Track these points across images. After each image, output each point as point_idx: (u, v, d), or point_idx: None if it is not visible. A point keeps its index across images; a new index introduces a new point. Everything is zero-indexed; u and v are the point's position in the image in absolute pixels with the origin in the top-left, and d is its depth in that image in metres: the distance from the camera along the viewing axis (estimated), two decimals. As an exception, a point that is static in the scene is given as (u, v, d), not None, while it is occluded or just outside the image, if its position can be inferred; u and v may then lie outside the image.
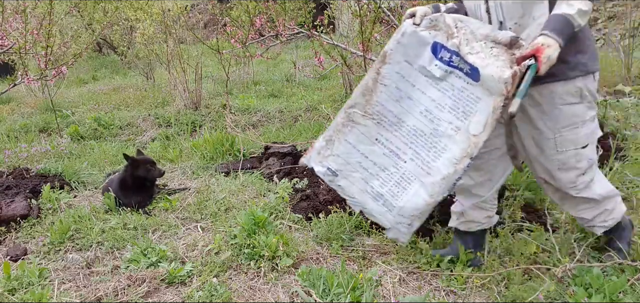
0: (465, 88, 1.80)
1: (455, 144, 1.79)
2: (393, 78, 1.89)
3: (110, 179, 3.23)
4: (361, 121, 1.93)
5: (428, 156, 1.84)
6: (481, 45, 1.76)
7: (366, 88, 1.93)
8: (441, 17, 1.85)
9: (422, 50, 1.86)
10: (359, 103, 1.93)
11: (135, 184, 3.05)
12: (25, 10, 3.73)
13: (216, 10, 5.72)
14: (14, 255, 2.51)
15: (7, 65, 6.72)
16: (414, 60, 1.87)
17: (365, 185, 1.94)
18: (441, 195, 1.81)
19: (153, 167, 3.09)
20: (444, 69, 1.83)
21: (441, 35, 1.84)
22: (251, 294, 2.08)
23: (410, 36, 1.87)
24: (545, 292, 1.85)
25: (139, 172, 3.04)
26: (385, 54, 1.91)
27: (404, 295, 2.00)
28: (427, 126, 1.85)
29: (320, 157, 1.98)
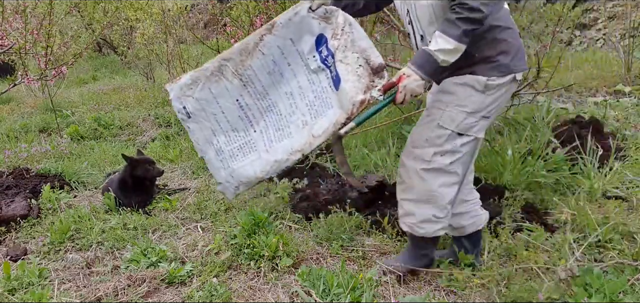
0: (326, 90, 1.88)
1: (299, 136, 1.88)
2: (273, 50, 1.92)
3: (110, 179, 3.23)
4: (229, 77, 1.95)
5: (274, 136, 1.94)
6: (354, 58, 1.80)
7: (245, 49, 1.94)
8: (336, 13, 1.87)
9: (308, 37, 1.90)
10: (234, 60, 1.94)
11: (135, 184, 3.05)
12: (25, 10, 3.74)
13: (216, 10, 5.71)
14: (14, 255, 2.51)
15: (7, 65, 6.72)
16: (297, 42, 1.91)
17: (212, 137, 2.00)
18: (269, 175, 1.93)
19: (152, 166, 3.09)
20: (319, 63, 1.89)
21: (329, 31, 1.87)
22: (251, 294, 2.08)
23: (302, 19, 1.89)
24: (545, 292, 1.84)
25: (138, 172, 3.04)
26: (273, 24, 1.93)
27: (404, 295, 2.00)
28: (286, 108, 1.93)
29: (181, 93, 1.98)
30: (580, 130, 3.50)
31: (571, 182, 2.89)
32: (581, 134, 3.40)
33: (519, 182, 2.87)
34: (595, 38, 7.78)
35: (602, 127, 3.63)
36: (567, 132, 3.47)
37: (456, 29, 1.68)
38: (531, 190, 2.84)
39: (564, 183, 2.89)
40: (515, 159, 2.94)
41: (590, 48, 7.48)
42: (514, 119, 3.93)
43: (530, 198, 2.77)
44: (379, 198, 2.81)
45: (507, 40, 1.82)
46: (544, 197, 2.80)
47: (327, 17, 1.87)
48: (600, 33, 7.80)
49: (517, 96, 3.89)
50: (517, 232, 2.42)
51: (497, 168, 3.02)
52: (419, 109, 3.98)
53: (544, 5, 4.49)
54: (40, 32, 3.93)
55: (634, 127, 3.78)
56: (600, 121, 3.67)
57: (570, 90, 5.25)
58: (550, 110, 4.06)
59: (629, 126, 3.79)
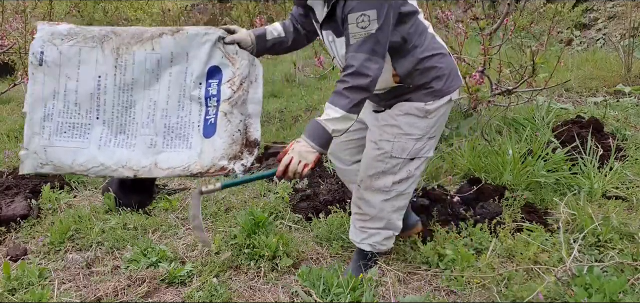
0: (193, 127, 1.75)
1: (140, 154, 1.75)
2: (164, 52, 1.76)
3: (110, 179, 3.23)
4: (107, 51, 1.75)
5: (116, 137, 1.78)
6: (237, 119, 1.71)
7: (140, 35, 1.77)
8: (243, 60, 1.78)
9: (204, 63, 1.77)
10: (123, 38, 1.76)
11: (134, 184, 3.04)
12: (25, 10, 3.74)
13: (216, 10, 5.71)
14: (14, 255, 2.51)
15: (7, 65, 6.72)
16: (192, 60, 1.77)
17: (50, 98, 1.76)
18: (85, 173, 1.76)
19: None
20: (199, 95, 1.77)
21: (227, 72, 1.77)
22: (251, 294, 2.08)
23: (209, 43, 1.78)
24: (545, 292, 1.85)
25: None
26: (179, 30, 1.78)
27: (404, 295, 2.00)
28: (142, 116, 1.76)
29: (49, 38, 1.75)
30: (580, 130, 3.50)
31: (571, 182, 2.89)
32: (581, 133, 3.40)
33: (519, 182, 2.87)
34: (595, 38, 7.78)
35: (602, 127, 3.63)
36: (567, 132, 3.47)
37: (344, 99, 1.66)
38: (531, 190, 2.84)
39: (564, 183, 2.89)
40: (515, 159, 2.94)
41: (591, 48, 7.48)
42: (514, 119, 3.94)
43: (530, 198, 2.77)
44: (379, 198, 2.81)
45: (437, 66, 1.86)
46: (544, 197, 2.80)
47: (233, 58, 1.77)
48: (600, 33, 7.80)
49: (515, 95, 3.89)
50: (517, 232, 2.42)
51: (497, 168, 3.03)
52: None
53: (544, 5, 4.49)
54: (40, 32, 3.93)
55: (634, 127, 3.78)
56: (600, 121, 3.67)
57: (570, 90, 5.26)
58: (550, 110, 4.06)
59: (629, 126, 3.78)
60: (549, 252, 2.19)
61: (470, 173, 3.18)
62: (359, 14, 1.60)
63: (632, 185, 2.88)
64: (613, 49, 6.86)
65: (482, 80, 3.48)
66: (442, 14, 3.98)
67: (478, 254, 2.22)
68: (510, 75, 3.79)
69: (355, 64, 1.64)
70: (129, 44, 1.77)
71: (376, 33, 1.62)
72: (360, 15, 1.60)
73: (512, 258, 2.20)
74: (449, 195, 2.81)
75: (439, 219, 2.52)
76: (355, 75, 1.64)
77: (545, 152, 3.02)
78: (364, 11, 1.60)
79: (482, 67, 3.45)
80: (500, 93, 3.79)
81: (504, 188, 2.83)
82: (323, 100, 5.70)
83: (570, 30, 7.73)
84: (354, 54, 1.65)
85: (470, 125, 3.90)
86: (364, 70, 1.63)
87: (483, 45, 3.35)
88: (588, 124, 3.60)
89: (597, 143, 3.31)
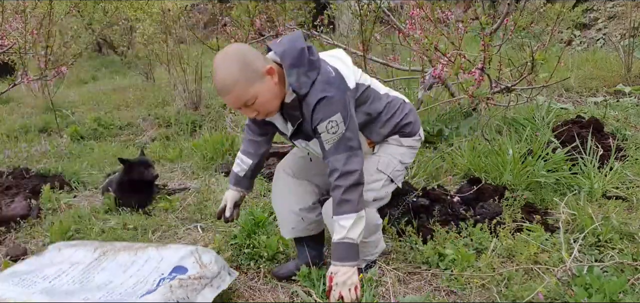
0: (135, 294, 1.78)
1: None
2: (144, 254, 1.92)
3: (110, 179, 3.23)
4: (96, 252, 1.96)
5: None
6: (181, 296, 1.72)
7: (129, 246, 1.97)
8: (216, 268, 1.85)
9: (172, 262, 1.85)
10: (117, 246, 1.97)
11: (132, 185, 3.04)
12: (25, 10, 3.74)
13: (216, 10, 5.71)
14: (14, 255, 2.50)
15: (7, 65, 6.72)
16: (163, 261, 1.86)
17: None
18: None
19: (147, 169, 3.03)
20: (155, 278, 1.83)
21: (193, 271, 1.81)
22: (251, 294, 2.08)
23: (188, 253, 1.89)
24: (545, 291, 1.85)
25: (133, 175, 3.02)
26: (166, 245, 1.98)
27: (404, 295, 2.00)
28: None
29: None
30: (580, 130, 3.50)
31: (571, 182, 2.89)
32: (581, 133, 3.40)
33: (519, 182, 2.87)
34: (595, 38, 7.78)
35: (602, 127, 3.63)
36: (567, 132, 3.47)
37: (347, 204, 1.72)
38: (531, 190, 2.84)
39: (564, 183, 2.89)
40: (516, 159, 2.94)
41: (591, 48, 7.48)
42: (514, 118, 3.94)
43: (530, 198, 2.77)
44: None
45: (402, 116, 2.00)
46: (544, 197, 2.80)
47: (204, 266, 1.83)
48: (600, 33, 7.80)
49: (515, 95, 3.89)
50: (517, 232, 2.42)
51: (497, 168, 3.03)
52: (419, 110, 3.99)
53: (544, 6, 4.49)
54: (40, 32, 3.93)
55: (634, 127, 3.78)
56: (600, 121, 3.67)
57: (570, 90, 5.26)
58: (550, 110, 4.06)
59: (629, 126, 3.78)
60: (549, 252, 2.19)
61: (470, 173, 3.18)
62: (326, 122, 1.67)
63: (632, 185, 2.87)
64: (613, 49, 6.86)
65: (481, 78, 3.48)
66: (442, 14, 3.98)
67: (478, 254, 2.22)
68: (510, 74, 3.79)
69: (339, 166, 1.72)
70: (117, 251, 1.92)
71: (346, 132, 1.71)
72: (328, 122, 1.67)
73: (512, 258, 2.20)
74: (449, 195, 2.81)
75: (439, 219, 2.52)
76: (344, 177, 1.71)
77: (545, 152, 3.02)
78: (330, 118, 1.67)
79: (482, 64, 3.45)
80: (500, 90, 3.79)
81: (504, 188, 2.83)
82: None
83: (570, 30, 7.73)
84: (335, 157, 1.72)
85: (470, 125, 3.90)
86: (349, 168, 1.71)
87: (483, 41, 3.35)
88: (588, 124, 3.60)
89: (597, 143, 3.31)
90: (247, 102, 1.64)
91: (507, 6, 3.74)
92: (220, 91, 1.65)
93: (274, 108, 1.73)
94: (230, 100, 1.65)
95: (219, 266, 1.90)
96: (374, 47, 4.78)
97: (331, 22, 5.42)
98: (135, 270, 1.88)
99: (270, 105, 1.70)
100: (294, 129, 1.81)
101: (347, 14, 7.21)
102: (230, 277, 1.94)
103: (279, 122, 1.88)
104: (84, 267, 1.91)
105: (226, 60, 1.63)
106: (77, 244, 2.01)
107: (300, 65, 1.68)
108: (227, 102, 1.69)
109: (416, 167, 3.33)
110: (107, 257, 1.89)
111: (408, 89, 4.54)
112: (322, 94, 1.67)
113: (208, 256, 1.92)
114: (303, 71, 1.68)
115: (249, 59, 1.63)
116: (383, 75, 4.78)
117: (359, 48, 4.07)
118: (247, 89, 1.61)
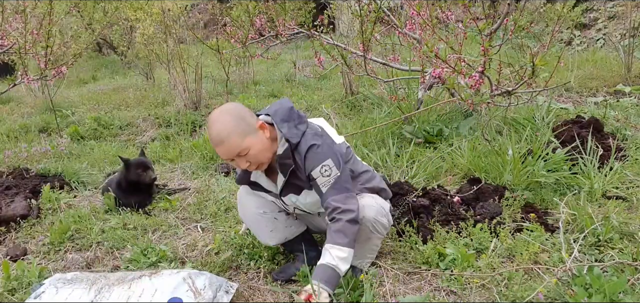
0: None
1: None
2: (138, 288, 1.91)
3: (110, 179, 3.23)
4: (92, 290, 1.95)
5: None
6: None
7: (123, 277, 1.97)
8: (211, 293, 1.86)
9: (166, 293, 1.85)
10: (111, 279, 1.97)
11: (131, 186, 3.04)
12: (25, 10, 3.73)
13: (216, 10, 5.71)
14: (14, 255, 2.51)
15: (7, 65, 6.72)
16: (157, 292, 1.87)
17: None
18: None
19: (144, 172, 3.02)
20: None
21: (188, 300, 1.82)
22: (251, 294, 2.08)
23: (181, 280, 1.90)
24: (545, 291, 1.85)
25: (131, 176, 3.01)
26: (158, 272, 1.98)
27: (404, 295, 2.00)
28: None
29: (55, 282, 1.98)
30: (580, 130, 3.50)
31: (571, 182, 2.89)
32: (581, 133, 3.40)
33: (519, 182, 2.87)
34: (595, 38, 7.78)
35: (602, 127, 3.63)
36: (567, 132, 3.47)
37: (344, 237, 1.79)
38: (531, 190, 2.84)
39: (564, 183, 2.89)
40: (516, 159, 2.94)
41: (591, 48, 7.48)
42: (514, 119, 3.94)
43: (530, 198, 2.77)
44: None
45: (374, 181, 2.10)
46: (544, 197, 2.80)
47: (198, 293, 1.85)
48: (600, 33, 7.80)
49: (515, 96, 3.89)
50: (517, 232, 2.42)
51: (497, 168, 3.03)
52: (419, 109, 3.99)
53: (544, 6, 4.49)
54: (40, 32, 3.92)
55: (634, 127, 3.78)
56: (600, 121, 3.67)
57: (570, 90, 5.25)
58: (550, 110, 4.06)
59: (629, 126, 3.78)
60: (549, 252, 2.19)
61: (470, 173, 3.18)
62: (320, 166, 1.81)
63: (632, 185, 2.87)
64: (613, 49, 6.86)
65: (482, 81, 3.48)
66: (442, 14, 3.98)
67: (478, 254, 2.22)
68: (510, 75, 3.79)
69: (340, 204, 1.81)
70: (112, 286, 1.92)
71: (340, 175, 1.84)
72: (322, 167, 1.81)
73: (512, 258, 2.20)
74: (449, 195, 2.81)
75: (439, 219, 2.52)
76: (344, 213, 1.80)
77: (545, 152, 3.02)
78: (323, 163, 1.81)
79: (482, 67, 3.45)
80: (500, 94, 3.79)
81: (504, 188, 2.83)
82: (323, 100, 5.70)
83: (570, 30, 7.72)
84: (334, 197, 1.82)
85: (470, 125, 3.90)
86: (348, 206, 1.81)
87: (483, 46, 3.35)
88: (588, 124, 3.60)
89: (597, 143, 3.31)
90: (240, 152, 1.77)
91: (507, 6, 3.73)
92: (215, 142, 1.77)
93: (266, 160, 1.86)
94: (225, 150, 1.77)
95: (214, 289, 1.90)
96: (374, 47, 4.78)
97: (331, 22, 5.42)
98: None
99: (261, 157, 1.83)
100: (285, 180, 1.91)
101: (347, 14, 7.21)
102: (228, 295, 1.93)
103: (265, 182, 2.00)
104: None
105: (222, 115, 1.78)
106: (73, 280, 1.99)
107: (290, 120, 1.87)
108: (221, 153, 1.79)
109: (416, 167, 3.33)
110: (102, 295, 1.88)
111: (408, 89, 4.54)
112: (312, 141, 1.83)
113: (201, 280, 1.91)
114: (293, 124, 1.86)
115: (243, 114, 1.79)
116: (383, 75, 4.78)
117: (359, 48, 4.07)
118: (241, 140, 1.75)
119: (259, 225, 2.14)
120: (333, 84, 6.80)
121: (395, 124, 3.96)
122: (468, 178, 3.07)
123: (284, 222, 2.14)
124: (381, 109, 4.63)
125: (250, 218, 2.16)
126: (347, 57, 4.14)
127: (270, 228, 2.13)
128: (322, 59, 4.25)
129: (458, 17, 4.28)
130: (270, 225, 2.13)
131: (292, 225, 2.17)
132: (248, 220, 2.19)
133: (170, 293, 1.84)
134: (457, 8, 4.43)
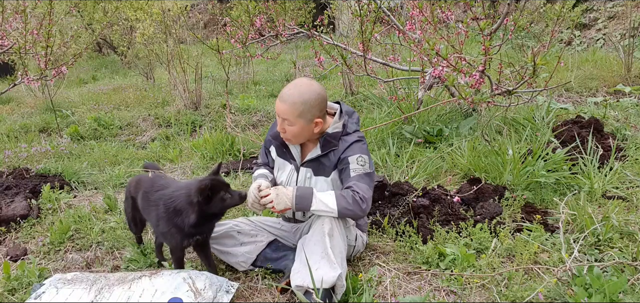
0: None
1: None
2: (138, 288, 1.92)
3: (159, 195, 2.08)
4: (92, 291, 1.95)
5: None
6: None
7: (123, 277, 1.97)
8: (211, 293, 1.87)
9: (166, 293, 1.86)
10: (111, 279, 1.97)
11: (206, 215, 1.98)
12: (25, 10, 3.73)
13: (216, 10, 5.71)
14: (14, 255, 2.51)
15: (7, 65, 6.72)
16: (157, 293, 1.89)
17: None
18: None
19: (228, 193, 1.99)
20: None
21: (188, 300, 1.83)
22: (251, 294, 2.08)
23: (181, 280, 1.91)
24: (545, 291, 1.85)
25: (213, 208, 1.96)
26: (158, 272, 1.98)
27: (404, 295, 2.00)
28: None
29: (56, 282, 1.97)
30: (580, 130, 3.50)
31: (571, 182, 2.89)
32: (581, 133, 3.40)
33: (519, 182, 2.87)
34: (595, 38, 7.78)
35: (602, 127, 3.63)
36: (567, 132, 3.47)
37: (345, 203, 1.91)
38: (531, 190, 2.84)
39: (564, 183, 2.89)
40: (516, 159, 2.94)
41: (590, 48, 7.48)
42: (514, 119, 3.94)
43: (530, 198, 2.77)
44: (379, 198, 2.81)
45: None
46: (544, 197, 2.80)
47: (198, 292, 1.86)
48: (600, 33, 7.80)
49: (515, 96, 3.89)
50: (517, 232, 2.42)
51: (497, 168, 3.03)
52: (419, 109, 3.99)
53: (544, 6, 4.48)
54: (40, 32, 3.92)
55: (634, 127, 3.78)
56: (600, 121, 3.67)
57: (570, 90, 5.26)
58: (550, 110, 4.06)
59: (629, 126, 3.78)
60: (548, 252, 2.19)
61: (470, 173, 3.18)
62: (358, 155, 2.01)
63: (632, 185, 2.87)
64: (613, 49, 6.86)
65: (482, 81, 3.48)
66: (442, 14, 3.98)
67: (478, 254, 2.22)
68: (511, 75, 3.79)
69: (363, 192, 1.93)
70: (112, 286, 1.93)
71: (371, 173, 2.02)
72: (359, 156, 2.01)
73: (512, 258, 2.20)
74: (449, 195, 2.81)
75: (439, 219, 2.52)
76: (362, 200, 1.91)
77: (545, 152, 3.02)
78: (360, 154, 2.01)
79: (482, 67, 3.45)
80: (501, 93, 3.79)
81: (504, 188, 2.83)
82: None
83: (570, 30, 7.72)
84: (358, 184, 1.95)
85: (470, 125, 3.90)
86: (366, 196, 1.93)
87: (483, 45, 3.34)
88: (588, 124, 3.60)
89: (597, 143, 3.31)
90: (287, 121, 1.97)
91: (507, 6, 3.73)
92: (283, 97, 1.96)
93: (296, 141, 2.07)
94: (282, 108, 1.96)
95: (214, 289, 1.90)
96: (374, 47, 4.78)
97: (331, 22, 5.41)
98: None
99: (296, 138, 2.03)
100: (318, 155, 2.06)
101: (347, 14, 7.21)
102: (228, 295, 1.93)
103: (296, 152, 2.15)
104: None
105: (305, 88, 1.96)
106: (73, 280, 1.99)
107: (352, 116, 2.16)
108: (278, 106, 1.98)
109: (416, 167, 3.33)
110: (102, 295, 1.89)
111: (408, 89, 4.54)
112: (358, 137, 2.07)
113: (202, 280, 1.91)
114: (353, 121, 2.14)
115: (315, 103, 1.96)
116: (383, 75, 4.78)
117: (359, 48, 4.07)
118: (294, 117, 1.95)
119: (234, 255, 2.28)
120: (333, 84, 6.81)
121: (395, 124, 3.96)
122: (468, 179, 3.07)
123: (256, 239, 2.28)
124: (381, 108, 4.64)
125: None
126: (347, 57, 4.14)
127: (245, 256, 2.25)
128: (322, 59, 4.25)
129: (458, 18, 4.27)
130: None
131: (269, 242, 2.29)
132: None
133: (171, 293, 1.84)
134: (457, 8, 4.43)
